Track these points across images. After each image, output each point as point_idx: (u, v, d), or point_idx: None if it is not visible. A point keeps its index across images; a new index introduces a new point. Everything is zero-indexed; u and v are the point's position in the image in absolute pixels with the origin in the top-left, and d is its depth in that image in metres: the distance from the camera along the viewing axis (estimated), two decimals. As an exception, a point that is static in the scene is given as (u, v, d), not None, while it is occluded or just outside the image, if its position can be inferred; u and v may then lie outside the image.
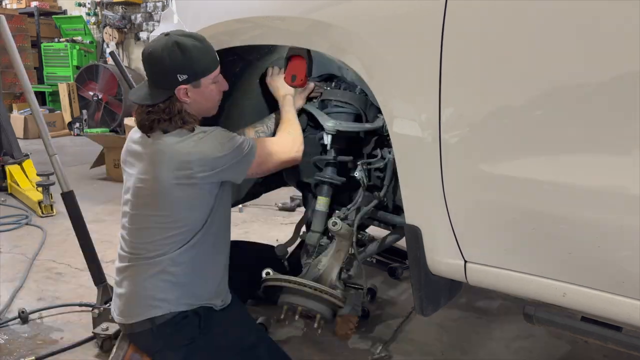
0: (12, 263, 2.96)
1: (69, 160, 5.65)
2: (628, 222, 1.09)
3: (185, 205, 1.60)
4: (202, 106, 1.67)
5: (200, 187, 1.59)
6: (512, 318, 2.32)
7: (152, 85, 1.63)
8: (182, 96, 1.60)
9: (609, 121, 1.09)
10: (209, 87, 1.64)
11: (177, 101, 1.60)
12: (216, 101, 1.71)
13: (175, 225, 1.61)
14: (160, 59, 1.57)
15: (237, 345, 1.68)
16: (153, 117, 1.60)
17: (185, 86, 1.59)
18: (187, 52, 1.57)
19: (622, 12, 1.03)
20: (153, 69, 1.61)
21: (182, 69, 1.57)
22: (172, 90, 1.59)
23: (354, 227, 1.71)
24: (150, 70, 1.62)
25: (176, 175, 1.56)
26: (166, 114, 1.59)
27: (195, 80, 1.60)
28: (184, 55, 1.56)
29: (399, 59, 1.34)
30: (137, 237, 1.66)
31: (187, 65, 1.57)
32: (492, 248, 1.32)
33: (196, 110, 1.65)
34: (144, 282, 1.63)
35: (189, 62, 1.57)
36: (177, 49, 1.56)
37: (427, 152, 1.32)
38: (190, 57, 1.57)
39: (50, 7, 8.87)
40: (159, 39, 1.60)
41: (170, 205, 1.60)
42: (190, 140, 1.58)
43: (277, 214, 3.90)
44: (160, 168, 1.57)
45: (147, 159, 1.62)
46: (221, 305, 1.72)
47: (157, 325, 1.62)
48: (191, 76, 1.59)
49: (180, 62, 1.56)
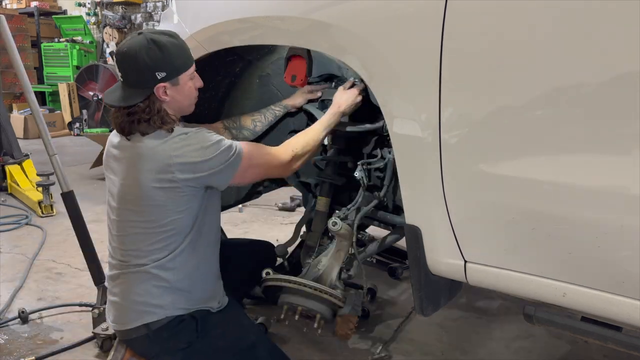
0: (12, 263, 2.96)
1: (69, 160, 5.65)
2: (628, 222, 1.09)
3: (169, 209, 1.56)
4: (181, 104, 1.63)
5: (182, 190, 1.54)
6: (512, 318, 2.32)
7: (128, 85, 1.58)
8: (161, 94, 1.56)
9: (609, 121, 1.09)
10: (187, 83, 1.61)
11: (157, 100, 1.56)
12: (193, 98, 1.67)
13: (162, 230, 1.58)
14: (137, 58, 1.52)
15: (235, 347, 1.67)
16: (132, 118, 1.55)
17: (164, 84, 1.55)
18: (165, 49, 1.53)
19: (622, 12, 1.03)
20: (129, 68, 1.56)
21: (161, 67, 1.53)
22: (151, 89, 1.55)
23: (354, 227, 1.71)
24: (126, 70, 1.57)
25: (158, 179, 1.52)
26: (146, 113, 1.55)
27: (174, 78, 1.57)
28: (162, 53, 1.53)
29: (399, 59, 1.34)
30: (126, 244, 1.63)
31: (166, 63, 1.54)
32: (492, 248, 1.32)
33: (175, 108, 1.62)
34: (136, 289, 1.61)
35: (168, 59, 1.54)
36: (155, 47, 1.52)
37: (427, 152, 1.32)
38: (168, 54, 1.54)
39: (50, 7, 8.88)
40: (132, 37, 1.56)
41: (154, 210, 1.56)
42: (171, 142, 1.53)
43: (277, 214, 3.90)
44: (141, 172, 1.53)
45: (127, 163, 1.58)
46: (218, 307, 1.71)
47: (153, 331, 1.61)
48: (169, 73, 1.55)
49: (158, 59, 1.53)
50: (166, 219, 1.57)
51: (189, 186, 1.55)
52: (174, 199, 1.56)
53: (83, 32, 8.50)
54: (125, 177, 1.59)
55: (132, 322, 1.62)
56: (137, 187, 1.55)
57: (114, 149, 1.65)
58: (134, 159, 1.56)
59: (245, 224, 3.65)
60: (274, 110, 1.96)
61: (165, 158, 1.51)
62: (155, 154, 1.53)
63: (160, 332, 1.61)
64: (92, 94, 7.36)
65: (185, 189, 1.55)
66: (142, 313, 1.61)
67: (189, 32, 1.84)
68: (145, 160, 1.54)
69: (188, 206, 1.59)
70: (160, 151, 1.52)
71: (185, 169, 1.52)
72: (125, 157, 1.59)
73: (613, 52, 1.06)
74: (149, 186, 1.54)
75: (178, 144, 1.53)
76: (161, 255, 1.60)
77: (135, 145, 1.57)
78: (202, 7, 1.89)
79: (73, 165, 5.47)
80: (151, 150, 1.53)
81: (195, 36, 1.82)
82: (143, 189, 1.54)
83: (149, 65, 1.52)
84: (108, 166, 1.68)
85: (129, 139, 1.58)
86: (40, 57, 8.44)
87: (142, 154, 1.54)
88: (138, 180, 1.55)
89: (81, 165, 5.41)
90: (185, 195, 1.56)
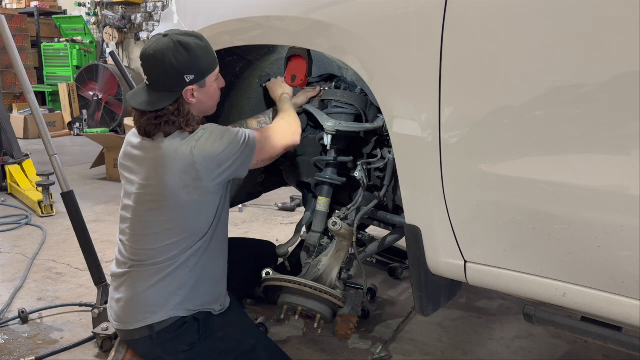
0: (12, 263, 2.96)
1: (69, 160, 5.66)
2: (628, 222, 1.10)
3: (192, 210, 1.57)
4: (205, 105, 1.65)
5: (207, 189, 1.56)
6: (512, 318, 2.32)
7: (154, 88, 1.57)
8: (189, 97, 1.56)
9: (609, 121, 1.09)
10: (212, 85, 1.62)
11: (185, 103, 1.57)
12: (217, 99, 1.69)
13: (181, 230, 1.59)
14: (164, 61, 1.51)
15: (236, 349, 1.67)
16: (160, 121, 1.55)
17: (193, 87, 1.55)
18: (193, 51, 1.52)
19: (622, 12, 1.03)
20: (156, 71, 1.55)
21: (189, 70, 1.53)
22: (179, 93, 1.55)
23: (354, 227, 1.71)
24: (153, 73, 1.56)
25: (183, 179, 1.53)
26: (175, 116, 1.55)
27: (202, 80, 1.57)
28: (190, 55, 1.52)
29: (399, 58, 1.34)
30: (140, 243, 1.63)
31: (194, 65, 1.53)
32: (492, 248, 1.32)
33: (199, 110, 1.63)
34: (144, 288, 1.61)
35: (196, 62, 1.54)
36: (183, 49, 1.51)
37: (427, 152, 1.32)
38: (196, 57, 1.53)
39: (50, 7, 8.88)
40: (158, 40, 1.54)
41: (176, 211, 1.57)
42: (192, 141, 1.54)
43: (277, 214, 3.90)
44: (166, 173, 1.54)
45: (150, 164, 1.57)
46: (220, 309, 1.71)
47: (156, 332, 1.61)
48: (198, 76, 1.55)
49: (187, 62, 1.52)
50: (186, 220, 1.58)
51: (214, 184, 1.56)
52: (197, 200, 1.56)
53: (83, 32, 8.50)
54: (147, 177, 1.58)
55: (136, 323, 1.62)
56: (162, 188, 1.55)
57: (133, 149, 1.64)
58: (157, 160, 1.56)
59: (245, 224, 3.66)
60: (276, 110, 1.95)
61: (188, 157, 1.52)
62: (178, 155, 1.53)
63: (163, 333, 1.62)
64: (92, 94, 7.38)
65: (211, 188, 1.56)
66: (147, 313, 1.61)
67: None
68: (170, 161, 1.54)
69: (209, 207, 1.60)
70: (183, 152, 1.53)
71: (209, 164, 1.53)
72: (148, 158, 1.59)
73: (613, 52, 1.06)
74: (174, 187, 1.54)
75: (197, 142, 1.54)
76: (175, 255, 1.60)
77: (158, 146, 1.56)
78: (202, 7, 1.89)
79: (73, 165, 5.48)
80: (173, 151, 1.54)
81: (195, 36, 1.82)
82: (168, 189, 1.54)
83: (177, 68, 1.52)
84: (125, 166, 1.67)
85: (151, 140, 1.59)
86: (40, 57, 8.44)
87: (165, 155, 1.54)
88: (163, 180, 1.54)
89: (81, 165, 5.42)
90: (209, 193, 1.57)
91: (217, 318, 1.69)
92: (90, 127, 7.05)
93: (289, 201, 4.00)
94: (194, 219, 1.59)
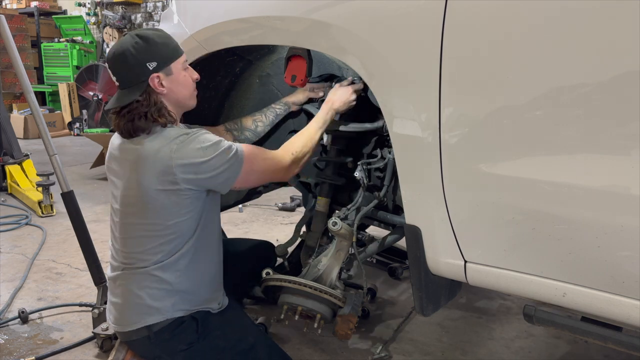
0: (12, 263, 2.96)
1: (69, 160, 5.66)
2: (628, 222, 1.09)
3: (172, 212, 1.56)
4: (180, 95, 1.62)
5: (185, 192, 1.54)
6: (512, 318, 2.32)
7: (124, 86, 1.59)
8: (157, 85, 1.57)
9: (609, 121, 1.09)
10: (180, 73, 1.61)
11: (154, 92, 1.57)
12: (192, 89, 1.67)
13: (165, 232, 1.58)
14: (125, 54, 1.54)
15: (236, 347, 1.67)
16: (132, 115, 1.55)
17: (158, 74, 1.56)
18: (151, 40, 1.56)
19: (622, 12, 1.03)
20: (121, 67, 1.57)
21: (150, 57, 1.55)
22: (146, 82, 1.56)
23: (354, 227, 1.71)
24: (119, 70, 1.58)
25: (160, 181, 1.52)
26: (144, 107, 1.55)
27: (166, 67, 1.57)
28: (148, 44, 1.55)
29: (399, 59, 1.34)
30: (128, 246, 1.63)
31: (154, 52, 1.55)
32: (492, 248, 1.32)
33: (174, 101, 1.62)
34: (138, 291, 1.61)
35: (155, 49, 1.56)
36: (140, 40, 1.55)
37: (427, 152, 1.32)
38: (155, 44, 1.56)
39: (50, 7, 8.88)
40: (119, 40, 1.61)
41: (158, 213, 1.56)
42: (173, 144, 1.51)
43: (277, 214, 3.90)
44: (144, 175, 1.53)
45: (130, 166, 1.57)
46: (218, 308, 1.71)
47: (154, 332, 1.61)
48: (160, 62, 1.56)
49: (146, 50, 1.55)
50: (169, 221, 1.57)
51: (191, 189, 1.55)
52: (177, 202, 1.55)
53: (83, 32, 8.51)
54: (128, 179, 1.58)
55: (133, 324, 1.62)
56: (140, 190, 1.55)
57: (115, 151, 1.65)
58: (136, 161, 1.55)
59: (245, 224, 3.66)
60: (275, 109, 1.95)
61: (166, 159, 1.51)
62: (156, 156, 1.52)
63: (161, 333, 1.61)
64: (92, 94, 7.37)
65: (188, 192, 1.55)
66: (143, 315, 1.61)
67: (189, 32, 1.84)
68: (148, 162, 1.53)
69: (191, 209, 1.59)
70: (161, 153, 1.52)
71: (187, 170, 1.51)
72: (128, 159, 1.59)
73: (613, 52, 1.06)
74: (152, 189, 1.53)
75: (178, 145, 1.52)
76: (163, 258, 1.60)
77: (137, 148, 1.56)
78: (202, 7, 1.89)
79: (73, 165, 5.48)
80: (153, 153, 1.53)
81: (195, 36, 1.82)
82: (146, 191, 1.54)
83: (137, 58, 1.54)
84: (110, 168, 1.68)
85: (131, 140, 1.58)
86: (40, 57, 8.45)
87: (145, 157, 1.54)
88: (141, 183, 1.54)
89: (81, 165, 5.42)
90: (188, 197, 1.56)
91: (215, 317, 1.69)
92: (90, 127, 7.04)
93: (289, 201, 4.00)
94: (176, 222, 1.58)
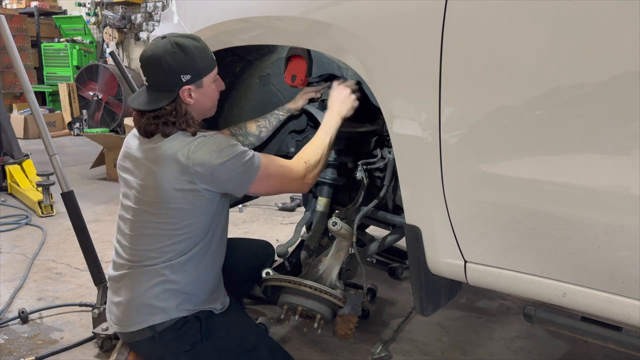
0: (12, 263, 2.96)
1: (69, 160, 5.66)
2: (628, 222, 1.09)
3: (188, 213, 1.58)
4: (204, 106, 1.65)
5: (201, 193, 1.55)
6: (512, 318, 2.32)
7: (153, 89, 1.60)
8: (186, 97, 1.58)
9: (609, 121, 1.09)
10: (210, 86, 1.63)
11: (183, 103, 1.59)
12: (216, 101, 1.70)
13: (178, 232, 1.59)
14: (161, 61, 1.54)
15: (238, 347, 1.67)
16: (158, 120, 1.57)
17: (189, 87, 1.57)
18: (189, 52, 1.55)
19: (622, 12, 1.03)
20: (154, 72, 1.58)
21: (186, 69, 1.55)
22: (176, 92, 1.57)
23: (354, 227, 1.71)
24: (151, 74, 1.59)
25: (178, 181, 1.53)
26: (173, 116, 1.57)
27: (199, 80, 1.59)
28: (186, 56, 1.55)
29: (399, 58, 1.34)
30: (139, 243, 1.63)
31: (190, 65, 1.56)
32: (492, 248, 1.32)
33: (198, 111, 1.64)
34: (143, 290, 1.61)
35: (192, 62, 1.56)
36: (179, 50, 1.54)
37: (427, 152, 1.32)
38: (192, 57, 1.56)
39: (50, 7, 8.88)
40: (156, 42, 1.58)
41: (172, 213, 1.57)
42: (191, 145, 1.54)
43: (277, 214, 3.90)
44: (162, 175, 1.54)
45: (148, 165, 1.58)
46: (221, 308, 1.72)
47: (158, 333, 1.61)
48: (194, 76, 1.57)
49: (183, 62, 1.55)
50: (183, 222, 1.58)
51: (208, 190, 1.56)
52: (193, 203, 1.56)
53: (83, 32, 8.50)
54: (145, 178, 1.59)
55: (137, 325, 1.62)
56: (158, 189, 1.56)
57: (132, 150, 1.66)
58: (155, 161, 1.56)
59: (245, 224, 3.66)
60: (278, 115, 1.97)
61: (184, 160, 1.52)
62: (175, 157, 1.53)
63: (165, 334, 1.62)
64: (92, 94, 7.37)
65: (204, 192, 1.56)
66: (148, 315, 1.61)
67: (189, 32, 1.84)
68: (167, 162, 1.54)
69: (205, 210, 1.60)
70: (180, 155, 1.53)
71: (204, 172, 1.52)
72: (146, 159, 1.59)
73: (613, 52, 1.06)
74: (169, 188, 1.54)
75: (196, 146, 1.54)
76: (173, 257, 1.60)
77: (156, 148, 1.57)
78: (202, 7, 1.89)
79: (73, 165, 5.48)
80: (172, 153, 1.54)
81: (195, 36, 1.82)
82: (163, 191, 1.55)
83: (173, 68, 1.54)
84: (124, 167, 1.69)
85: (149, 141, 1.60)
86: (40, 57, 8.44)
87: (164, 157, 1.55)
88: (159, 182, 1.55)
89: (81, 165, 5.42)
90: (204, 198, 1.57)
91: (218, 317, 1.70)
92: (90, 127, 7.04)
93: (289, 201, 4.00)
94: (191, 222, 1.59)
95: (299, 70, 1.83)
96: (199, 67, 1.58)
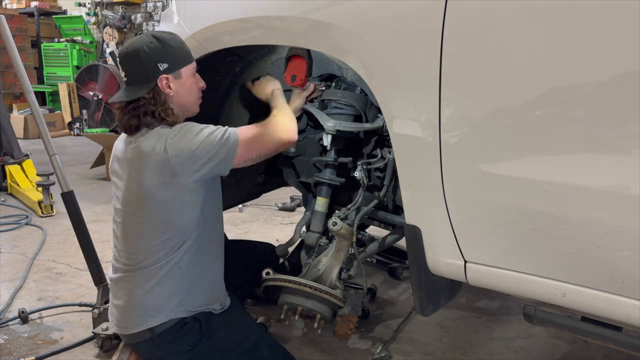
0: (12, 263, 2.96)
1: (69, 160, 5.66)
2: (628, 222, 1.09)
3: (173, 208, 1.58)
4: (184, 100, 1.65)
5: (184, 187, 1.55)
6: (512, 318, 2.32)
7: (132, 83, 1.63)
8: (164, 86, 1.60)
9: (609, 121, 1.09)
10: (189, 79, 1.65)
11: (161, 92, 1.60)
12: (197, 96, 1.70)
13: (165, 230, 1.59)
14: (139, 52, 1.58)
15: (239, 347, 1.67)
16: (138, 111, 1.58)
17: (167, 76, 1.60)
18: (165, 42, 1.60)
19: (622, 12, 1.03)
20: (132, 63, 1.61)
21: (163, 58, 1.59)
22: (155, 81, 1.59)
23: (354, 227, 1.71)
24: (130, 66, 1.62)
25: (159, 176, 1.54)
26: (151, 105, 1.58)
27: (176, 70, 1.61)
28: (163, 45, 1.60)
29: (399, 58, 1.34)
30: (130, 246, 1.64)
31: (167, 54, 1.60)
32: (492, 248, 1.32)
33: (178, 105, 1.64)
34: (140, 292, 1.61)
35: (169, 51, 1.60)
36: (156, 41, 1.59)
37: (427, 152, 1.32)
38: (169, 47, 1.61)
39: (50, 7, 8.89)
40: (134, 38, 1.65)
41: (157, 210, 1.57)
42: (168, 138, 1.54)
43: (277, 214, 3.90)
44: (143, 171, 1.55)
45: (130, 165, 1.60)
46: (220, 308, 1.72)
47: (157, 334, 1.61)
48: (171, 65, 1.60)
49: (159, 50, 1.59)
50: (170, 219, 1.59)
51: (191, 180, 1.55)
52: (176, 197, 1.56)
53: (83, 32, 8.51)
54: (128, 178, 1.61)
55: (136, 327, 1.62)
56: (140, 187, 1.57)
57: (119, 153, 1.68)
58: (135, 159, 1.58)
59: (245, 224, 3.65)
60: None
61: (163, 153, 1.53)
62: (154, 151, 1.54)
63: (165, 335, 1.62)
64: (92, 94, 7.37)
65: (188, 185, 1.56)
66: (146, 317, 1.61)
67: (189, 32, 1.84)
68: (146, 159, 1.55)
69: (190, 205, 1.60)
70: (158, 148, 1.54)
71: (183, 160, 1.53)
72: (128, 159, 1.61)
73: (613, 52, 1.06)
74: (151, 185, 1.55)
75: (173, 138, 1.55)
76: (166, 256, 1.60)
77: (136, 146, 1.59)
78: (202, 7, 1.89)
79: (73, 165, 5.48)
80: (150, 149, 1.55)
81: (195, 36, 1.82)
82: (146, 188, 1.56)
83: (150, 57, 1.58)
84: (113, 170, 1.70)
85: (132, 140, 1.60)
86: (40, 57, 8.45)
87: (142, 154, 1.56)
88: (140, 180, 1.56)
89: (81, 165, 5.42)
90: (189, 191, 1.57)
91: (218, 317, 1.70)
92: (90, 127, 7.03)
93: (289, 201, 4.00)
94: (176, 218, 1.59)
95: (299, 70, 1.83)
96: (176, 55, 1.61)
